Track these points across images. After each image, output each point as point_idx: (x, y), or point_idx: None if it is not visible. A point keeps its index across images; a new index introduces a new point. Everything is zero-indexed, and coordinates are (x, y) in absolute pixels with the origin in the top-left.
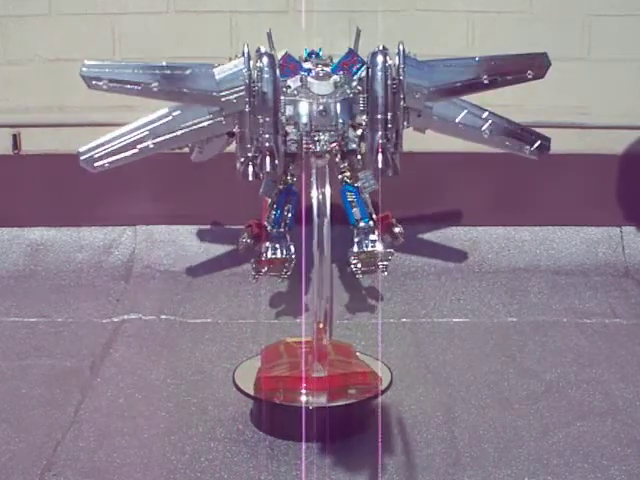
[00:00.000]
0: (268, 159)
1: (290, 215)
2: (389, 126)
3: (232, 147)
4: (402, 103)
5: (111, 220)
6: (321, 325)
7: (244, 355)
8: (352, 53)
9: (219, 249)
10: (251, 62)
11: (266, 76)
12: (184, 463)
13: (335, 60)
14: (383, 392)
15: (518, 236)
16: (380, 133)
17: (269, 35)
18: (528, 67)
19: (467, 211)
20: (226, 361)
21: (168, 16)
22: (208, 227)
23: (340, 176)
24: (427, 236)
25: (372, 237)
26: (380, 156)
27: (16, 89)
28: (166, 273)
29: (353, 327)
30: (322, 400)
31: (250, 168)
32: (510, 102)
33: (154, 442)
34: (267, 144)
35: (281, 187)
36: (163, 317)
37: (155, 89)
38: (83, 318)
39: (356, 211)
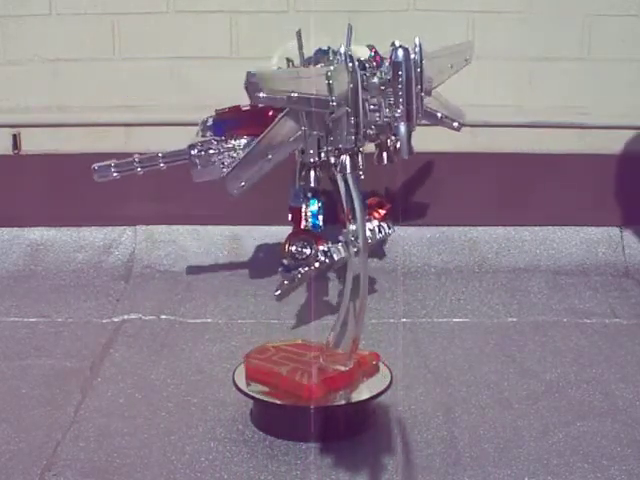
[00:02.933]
0: (349, 160)
1: (321, 217)
2: (419, 115)
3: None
4: (422, 94)
5: (111, 220)
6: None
7: (244, 355)
8: (375, 51)
9: (219, 249)
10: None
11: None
12: (184, 463)
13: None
14: (383, 392)
15: (518, 236)
16: (406, 124)
17: (299, 34)
18: (467, 53)
19: (467, 211)
20: (226, 361)
21: (168, 16)
22: (208, 227)
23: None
24: (427, 236)
25: (383, 224)
26: (406, 147)
27: (16, 89)
28: (166, 273)
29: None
30: (355, 394)
31: (312, 173)
32: (510, 102)
33: (154, 442)
34: (349, 145)
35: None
36: (163, 317)
37: (294, 98)
38: (83, 318)
39: None
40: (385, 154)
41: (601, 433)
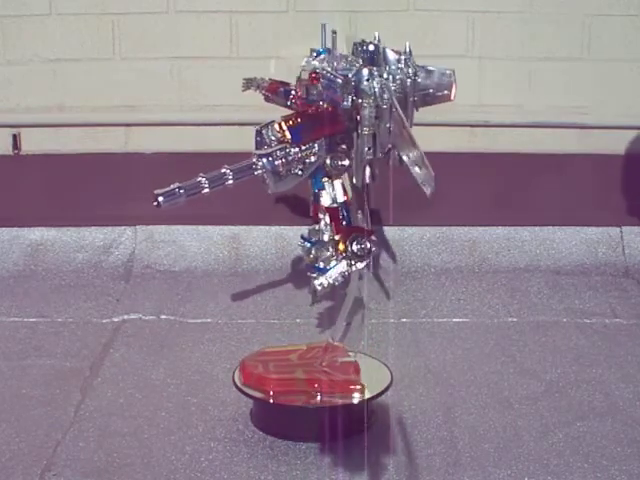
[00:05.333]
0: (397, 153)
1: None
2: None
3: None
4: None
5: (111, 220)
6: None
7: (244, 355)
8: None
9: (219, 249)
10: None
11: None
12: (184, 463)
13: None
14: (383, 392)
15: (518, 236)
16: None
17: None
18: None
19: (467, 211)
20: (226, 361)
21: (168, 16)
22: (208, 227)
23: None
24: (427, 236)
25: None
26: None
27: (16, 89)
28: (166, 273)
29: (353, 327)
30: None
31: (368, 170)
32: (510, 102)
33: (154, 442)
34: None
35: None
36: (163, 317)
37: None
38: (83, 318)
39: None
40: None
41: (601, 433)
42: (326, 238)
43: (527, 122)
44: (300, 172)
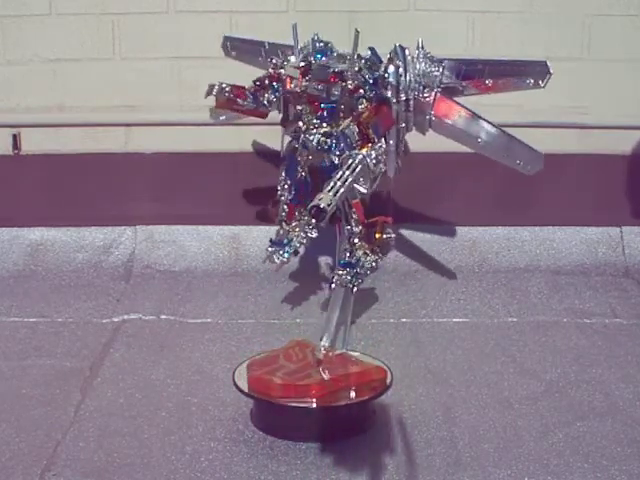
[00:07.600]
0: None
1: None
2: None
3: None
4: None
5: (111, 220)
6: None
7: (244, 355)
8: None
9: (219, 249)
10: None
11: None
12: (184, 463)
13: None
14: (383, 392)
15: (518, 236)
16: None
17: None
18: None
19: (467, 211)
20: (226, 361)
21: (168, 16)
22: (208, 227)
23: None
24: (427, 236)
25: None
26: None
27: (16, 89)
28: (166, 273)
29: (353, 327)
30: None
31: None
32: (510, 102)
33: (154, 442)
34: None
35: None
36: (163, 317)
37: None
38: (83, 318)
39: None
40: None
41: (601, 433)
42: (346, 233)
43: (527, 122)
44: (383, 168)
